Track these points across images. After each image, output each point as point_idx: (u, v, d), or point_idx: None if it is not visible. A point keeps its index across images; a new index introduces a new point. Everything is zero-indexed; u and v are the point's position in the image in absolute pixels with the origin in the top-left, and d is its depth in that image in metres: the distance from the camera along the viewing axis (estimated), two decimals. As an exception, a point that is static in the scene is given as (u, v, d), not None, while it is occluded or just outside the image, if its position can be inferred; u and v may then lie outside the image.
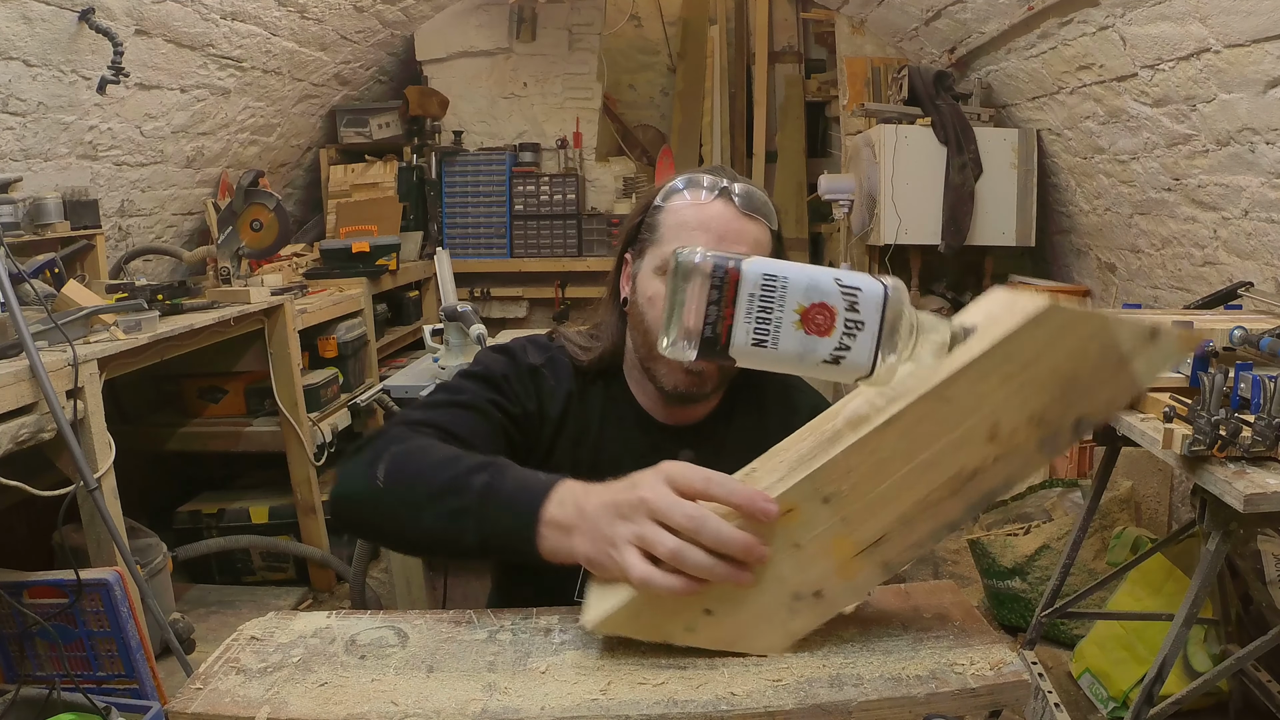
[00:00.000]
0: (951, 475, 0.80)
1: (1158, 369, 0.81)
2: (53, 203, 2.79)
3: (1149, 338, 0.79)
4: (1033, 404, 0.79)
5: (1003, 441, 0.79)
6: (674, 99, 5.98)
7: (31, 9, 2.52)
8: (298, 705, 0.76)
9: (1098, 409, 0.81)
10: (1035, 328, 0.77)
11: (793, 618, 0.82)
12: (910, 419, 0.78)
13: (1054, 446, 0.81)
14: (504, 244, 5.16)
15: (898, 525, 0.80)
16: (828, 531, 0.80)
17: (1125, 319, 0.79)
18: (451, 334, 3.00)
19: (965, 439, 0.79)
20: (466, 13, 5.12)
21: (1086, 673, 2.63)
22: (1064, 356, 0.78)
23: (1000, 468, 0.80)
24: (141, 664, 2.17)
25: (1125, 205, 3.42)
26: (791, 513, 0.80)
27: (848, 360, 0.78)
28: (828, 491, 0.80)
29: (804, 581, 0.81)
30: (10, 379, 1.97)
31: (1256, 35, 2.30)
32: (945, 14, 4.06)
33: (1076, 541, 2.35)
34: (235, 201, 3.32)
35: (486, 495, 0.94)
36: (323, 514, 3.38)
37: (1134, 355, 0.79)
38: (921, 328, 0.81)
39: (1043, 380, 0.78)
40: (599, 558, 0.84)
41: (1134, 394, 0.80)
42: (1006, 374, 0.78)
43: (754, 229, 1.21)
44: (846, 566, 0.81)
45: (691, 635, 0.82)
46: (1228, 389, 1.68)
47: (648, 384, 1.28)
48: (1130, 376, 0.80)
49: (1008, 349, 0.77)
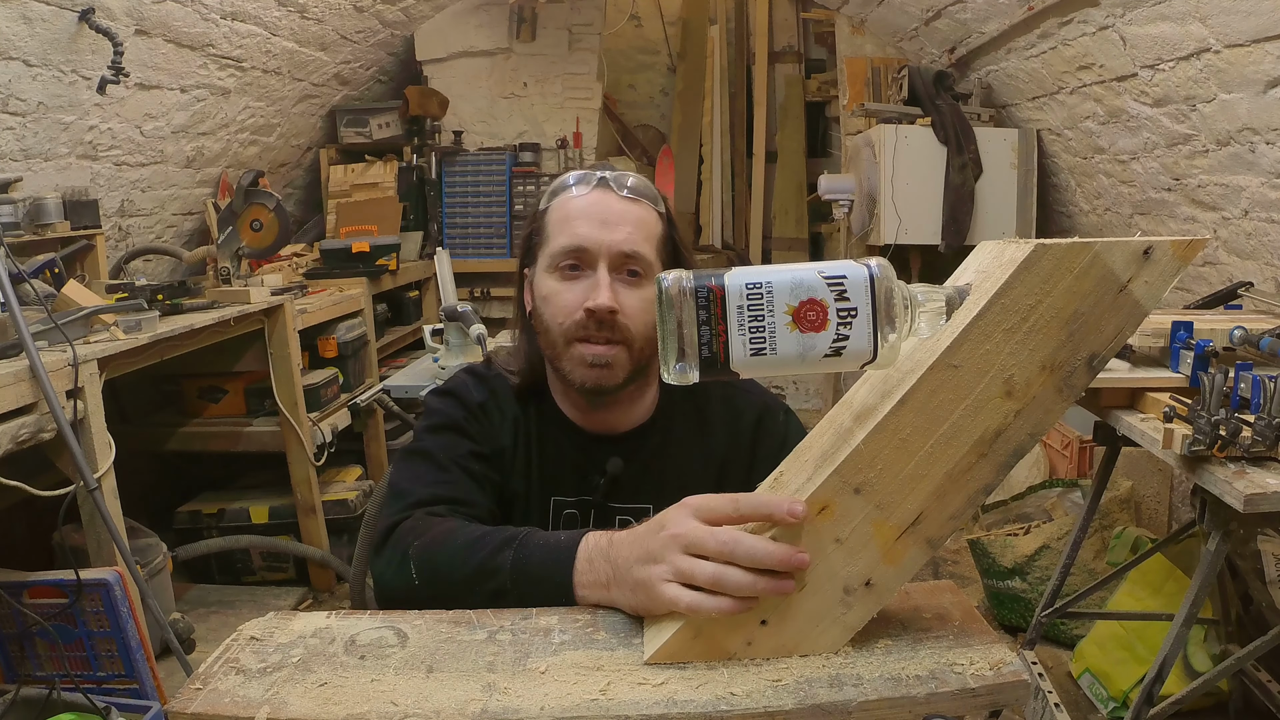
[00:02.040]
0: (976, 440, 0.80)
1: (1159, 288, 0.79)
2: (53, 203, 2.79)
3: (1143, 257, 0.78)
4: (1041, 352, 0.78)
5: (1020, 395, 0.79)
6: (674, 99, 5.98)
7: (31, 9, 2.52)
8: (297, 705, 0.76)
9: (1106, 340, 0.80)
10: (1026, 273, 0.77)
11: (848, 611, 0.82)
12: (924, 393, 0.79)
13: (1072, 388, 0.80)
14: (504, 244, 5.15)
15: (933, 500, 0.80)
16: (866, 520, 0.81)
17: (1115, 243, 0.78)
18: (451, 334, 2.99)
19: (982, 401, 0.79)
20: (466, 13, 5.12)
21: (1086, 673, 2.63)
22: (1062, 296, 0.77)
23: (1023, 422, 0.80)
24: (141, 664, 2.17)
25: (1125, 205, 3.42)
26: (826, 510, 0.80)
27: (849, 349, 0.77)
28: (857, 482, 0.80)
29: (853, 574, 0.81)
30: (10, 379, 1.97)
31: (1256, 35, 2.30)
32: (945, 14, 4.06)
33: (1076, 541, 2.35)
34: (235, 201, 3.32)
35: (518, 574, 0.97)
36: (322, 514, 3.38)
37: (1132, 279, 0.78)
38: (916, 300, 0.80)
39: (1046, 325, 0.78)
40: (643, 605, 0.87)
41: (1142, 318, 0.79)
42: (1009, 327, 0.78)
43: (637, 210, 1.23)
44: (891, 551, 0.81)
45: (752, 649, 0.82)
46: (1228, 389, 1.68)
47: (570, 392, 1.28)
48: (1133, 301, 0.79)
49: (1004, 301, 0.77)
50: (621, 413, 1.30)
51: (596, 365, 1.19)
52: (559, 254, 1.20)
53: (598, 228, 1.19)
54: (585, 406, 1.29)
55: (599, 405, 1.27)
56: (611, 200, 1.22)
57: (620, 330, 1.19)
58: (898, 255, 4.18)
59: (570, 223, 1.21)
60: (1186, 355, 1.84)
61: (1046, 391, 0.80)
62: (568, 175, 1.27)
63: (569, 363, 1.21)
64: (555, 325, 1.21)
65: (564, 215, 1.23)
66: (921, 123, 4.05)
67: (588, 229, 1.19)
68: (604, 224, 1.19)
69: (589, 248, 1.19)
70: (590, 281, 1.19)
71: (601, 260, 1.19)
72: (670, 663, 0.81)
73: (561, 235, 1.21)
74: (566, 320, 1.19)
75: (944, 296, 0.81)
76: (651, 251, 1.23)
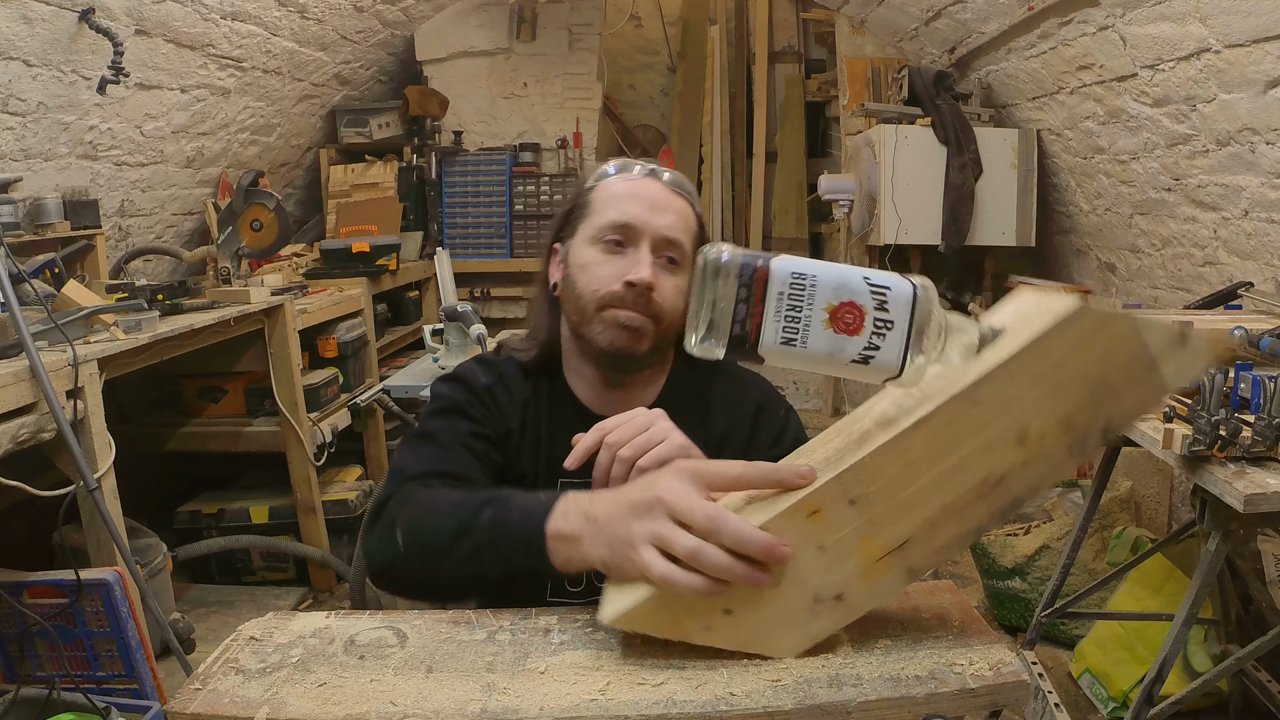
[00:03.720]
0: (980, 479, 0.79)
1: (1187, 373, 0.79)
2: (53, 203, 2.79)
3: (1179, 341, 0.78)
4: (1063, 407, 0.78)
5: (1032, 446, 0.78)
6: (674, 99, 5.98)
7: (32, 9, 2.52)
8: (297, 705, 0.76)
9: (1126, 413, 0.80)
10: (1067, 328, 0.76)
11: (813, 620, 0.81)
12: (939, 421, 0.78)
13: (1082, 451, 0.80)
14: (504, 244, 5.15)
15: (924, 529, 0.80)
16: (854, 534, 0.79)
17: (1155, 321, 0.78)
18: (451, 334, 3.00)
19: (994, 442, 0.78)
20: (466, 13, 5.12)
21: (1086, 673, 2.63)
22: (1094, 359, 0.77)
23: (1028, 473, 0.79)
24: (141, 664, 2.17)
25: (1125, 205, 3.42)
26: (818, 514, 0.79)
27: (876, 360, 0.77)
28: (855, 493, 0.79)
29: (826, 584, 0.80)
30: (10, 379, 1.97)
31: (1256, 35, 2.30)
32: (945, 14, 4.06)
33: (1076, 541, 2.35)
34: (235, 201, 3.32)
35: (495, 528, 0.95)
36: (322, 514, 3.38)
37: (1163, 358, 0.78)
38: (950, 328, 0.80)
39: (1073, 383, 0.77)
40: (614, 560, 0.84)
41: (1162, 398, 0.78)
42: (1037, 375, 0.77)
43: (680, 203, 1.28)
44: (870, 570, 0.80)
45: (709, 634, 0.81)
46: (1228, 389, 1.68)
47: (585, 370, 1.30)
48: (1159, 380, 0.78)
49: (1039, 349, 0.76)
50: (633, 394, 1.31)
51: (629, 327, 1.21)
52: (606, 227, 1.24)
53: (646, 209, 1.24)
54: (599, 385, 1.30)
55: (616, 381, 1.29)
56: (658, 188, 1.27)
57: (653, 307, 1.22)
58: (898, 255, 4.18)
59: (620, 200, 1.25)
60: (1186, 355, 1.84)
61: (1058, 449, 0.79)
62: (611, 164, 1.33)
63: (599, 325, 1.23)
64: (589, 292, 1.23)
65: (613, 194, 1.27)
66: (921, 123, 4.05)
67: (637, 208, 1.24)
68: (652, 207, 1.24)
69: (636, 225, 1.23)
70: (631, 258, 1.22)
71: (645, 240, 1.23)
72: (627, 629, 0.81)
73: (610, 210, 1.25)
74: (602, 289, 1.22)
75: (978, 332, 0.81)
76: (689, 244, 1.27)
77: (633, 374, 1.29)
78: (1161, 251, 3.26)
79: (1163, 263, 3.27)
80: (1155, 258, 3.32)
